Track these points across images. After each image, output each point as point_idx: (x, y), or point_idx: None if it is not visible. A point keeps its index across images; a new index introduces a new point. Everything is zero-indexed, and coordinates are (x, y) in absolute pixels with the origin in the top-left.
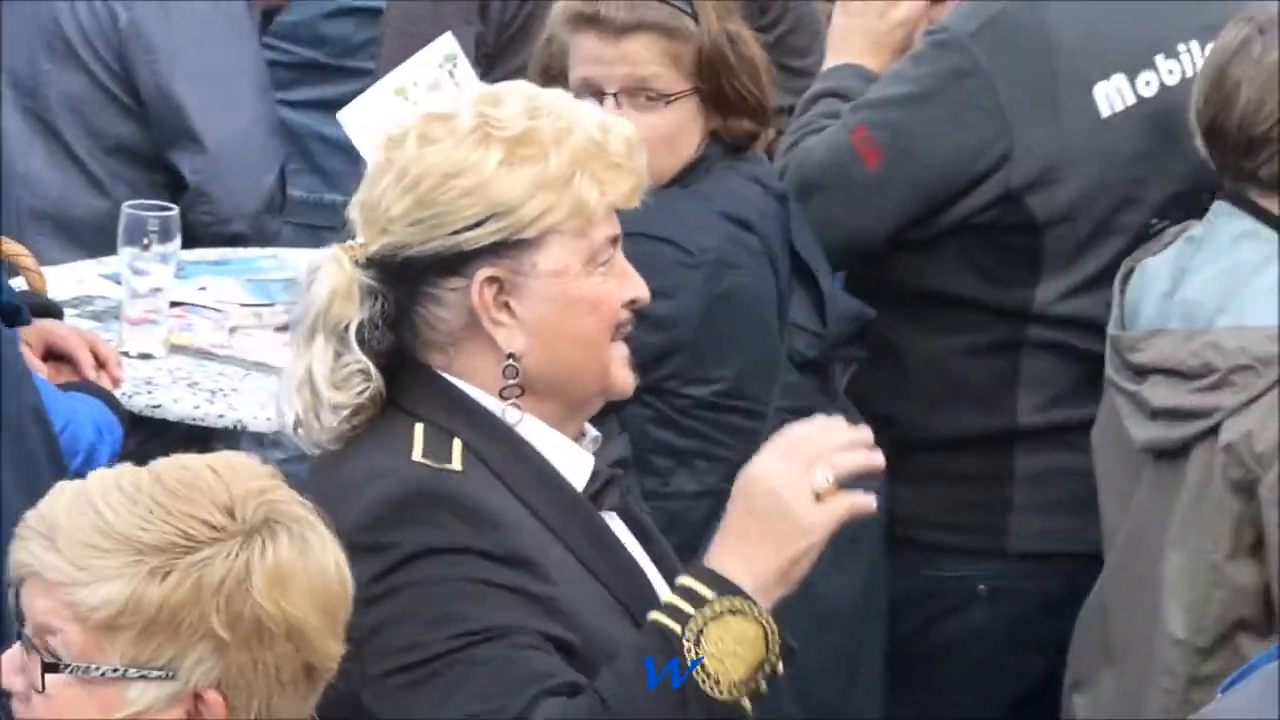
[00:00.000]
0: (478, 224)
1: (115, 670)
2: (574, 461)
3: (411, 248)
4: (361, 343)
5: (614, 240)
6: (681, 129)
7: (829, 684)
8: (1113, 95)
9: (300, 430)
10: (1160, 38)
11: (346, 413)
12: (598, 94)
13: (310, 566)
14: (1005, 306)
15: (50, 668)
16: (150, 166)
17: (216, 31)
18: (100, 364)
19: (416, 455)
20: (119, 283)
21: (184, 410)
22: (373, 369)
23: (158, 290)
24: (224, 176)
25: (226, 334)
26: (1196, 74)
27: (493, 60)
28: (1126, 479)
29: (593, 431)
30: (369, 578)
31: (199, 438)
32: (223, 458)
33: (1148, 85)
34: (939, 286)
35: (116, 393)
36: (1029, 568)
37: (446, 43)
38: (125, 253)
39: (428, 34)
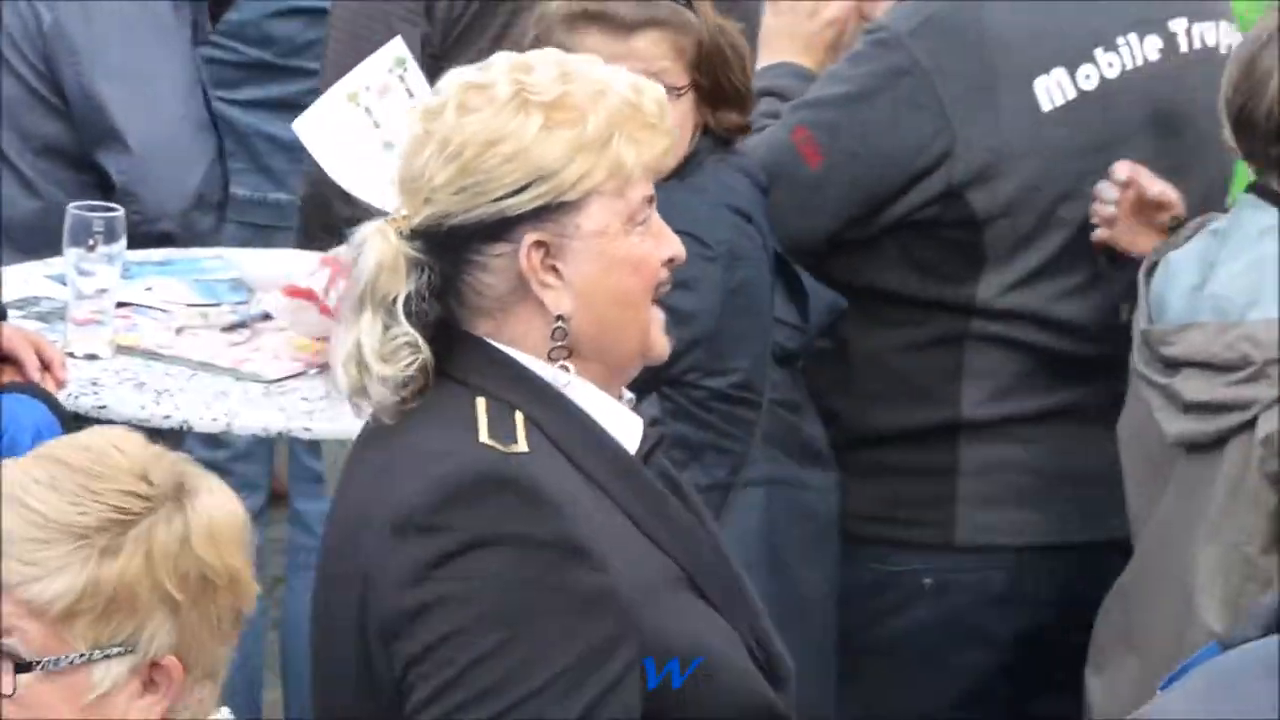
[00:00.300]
0: (521, 189)
1: (82, 656)
2: (624, 423)
3: (456, 216)
4: (409, 315)
5: (650, 200)
6: (684, 122)
7: (808, 678)
8: (1053, 89)
9: (349, 401)
10: (1099, 31)
11: (395, 385)
12: None
13: (229, 513)
14: (947, 301)
15: (22, 668)
16: (79, 166)
17: (139, 31)
18: (45, 366)
19: (483, 437)
20: (64, 284)
21: (130, 411)
22: (421, 341)
23: (103, 291)
24: (148, 176)
25: (173, 334)
26: (1136, 66)
27: (439, 61)
28: (1155, 472)
29: (628, 394)
30: (425, 561)
31: None
32: (104, 433)
33: (1088, 79)
34: (880, 283)
35: (62, 394)
36: (974, 561)
37: (396, 47)
38: (71, 254)
39: (373, 35)
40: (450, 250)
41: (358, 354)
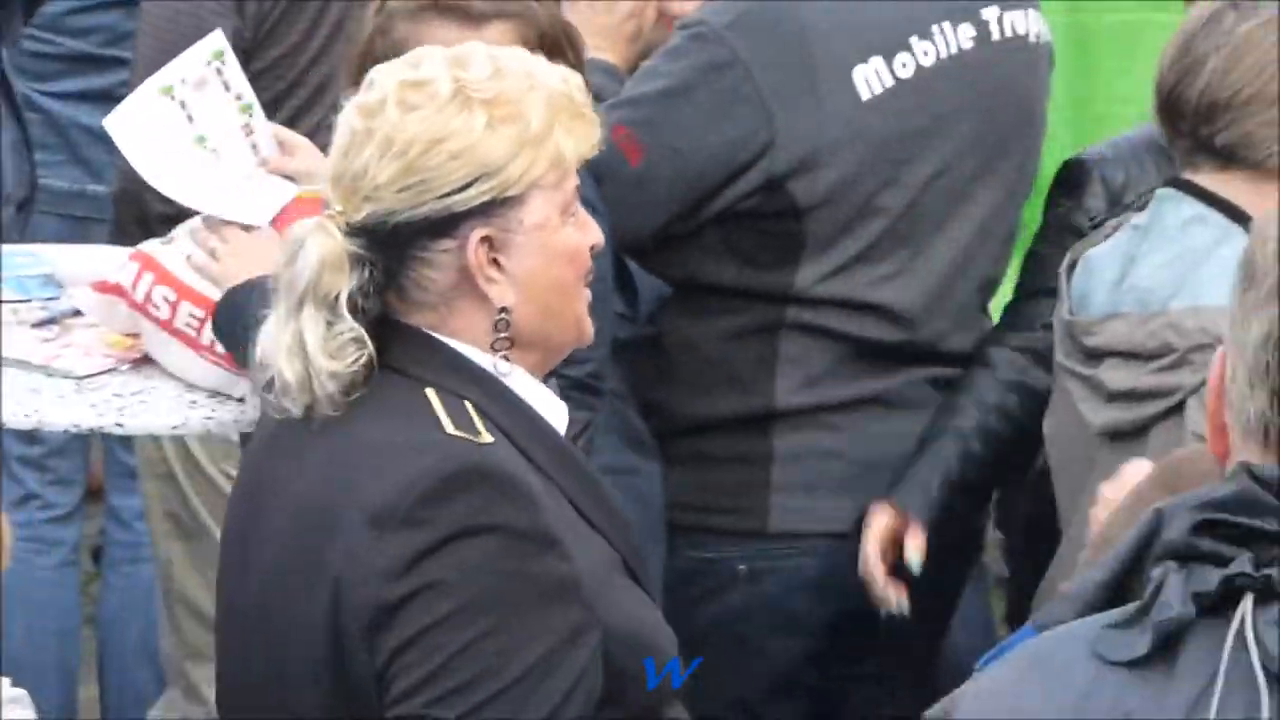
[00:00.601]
0: (467, 185)
1: None
2: (555, 410)
3: (401, 213)
4: (352, 311)
5: (578, 189)
6: None
7: None
8: (871, 78)
9: (285, 396)
10: (913, 19)
11: (343, 381)
12: None
13: None
14: (764, 291)
15: None
16: None
17: None
18: None
19: (450, 429)
20: None
21: None
22: (366, 336)
23: None
24: None
25: None
26: (951, 54)
27: (249, 55)
28: (1081, 463)
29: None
30: (409, 553)
31: None
32: None
33: (904, 67)
34: (701, 274)
35: None
36: (786, 548)
37: (215, 39)
38: None
39: (184, 31)
40: (394, 247)
41: (302, 351)
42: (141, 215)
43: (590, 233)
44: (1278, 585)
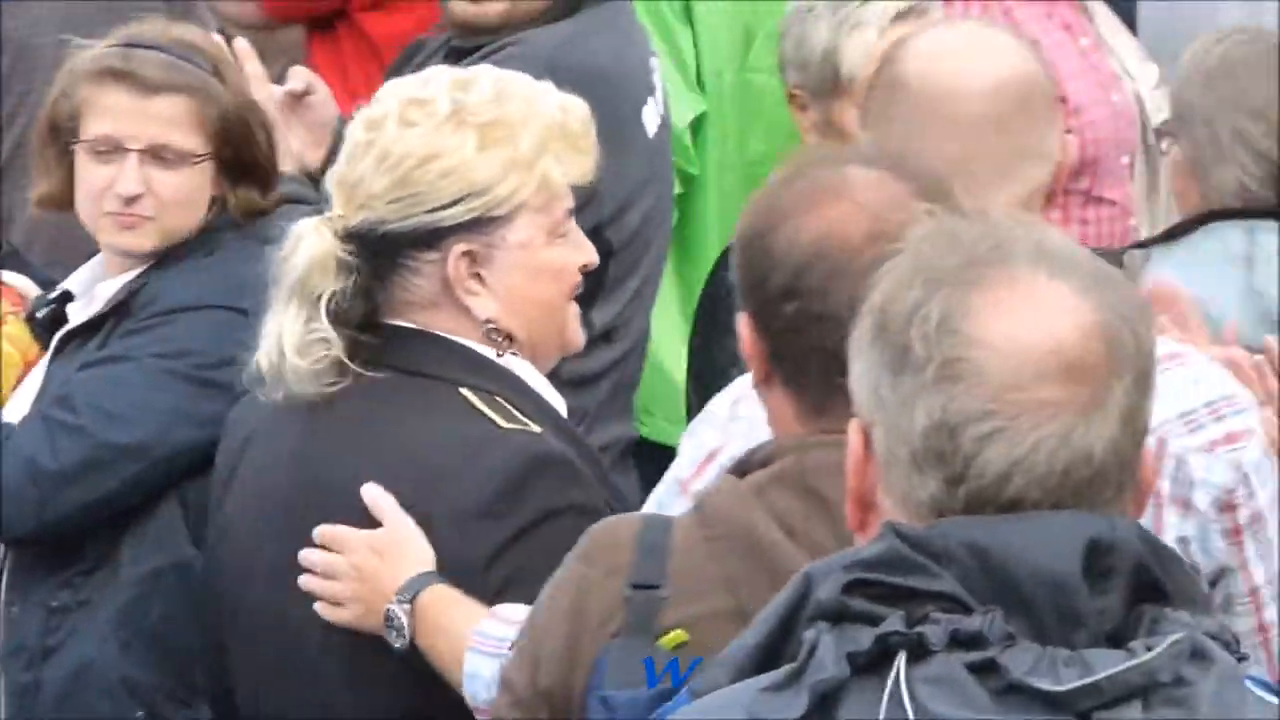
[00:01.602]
0: (454, 202)
1: None
2: (557, 399)
3: (391, 223)
4: (329, 312)
5: (570, 212)
6: (199, 192)
7: None
8: (651, 118)
9: (257, 384)
10: (644, 60)
11: (308, 376)
12: (118, 149)
13: None
14: None
15: None
16: None
17: None
18: None
19: (503, 423)
20: None
21: None
22: (334, 337)
23: None
24: None
25: None
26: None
27: None
28: None
29: None
30: (499, 543)
31: None
32: None
33: (662, 104)
34: None
35: None
36: None
37: None
38: None
39: None
40: (382, 254)
41: (278, 344)
42: None
43: (583, 252)
44: (930, 642)
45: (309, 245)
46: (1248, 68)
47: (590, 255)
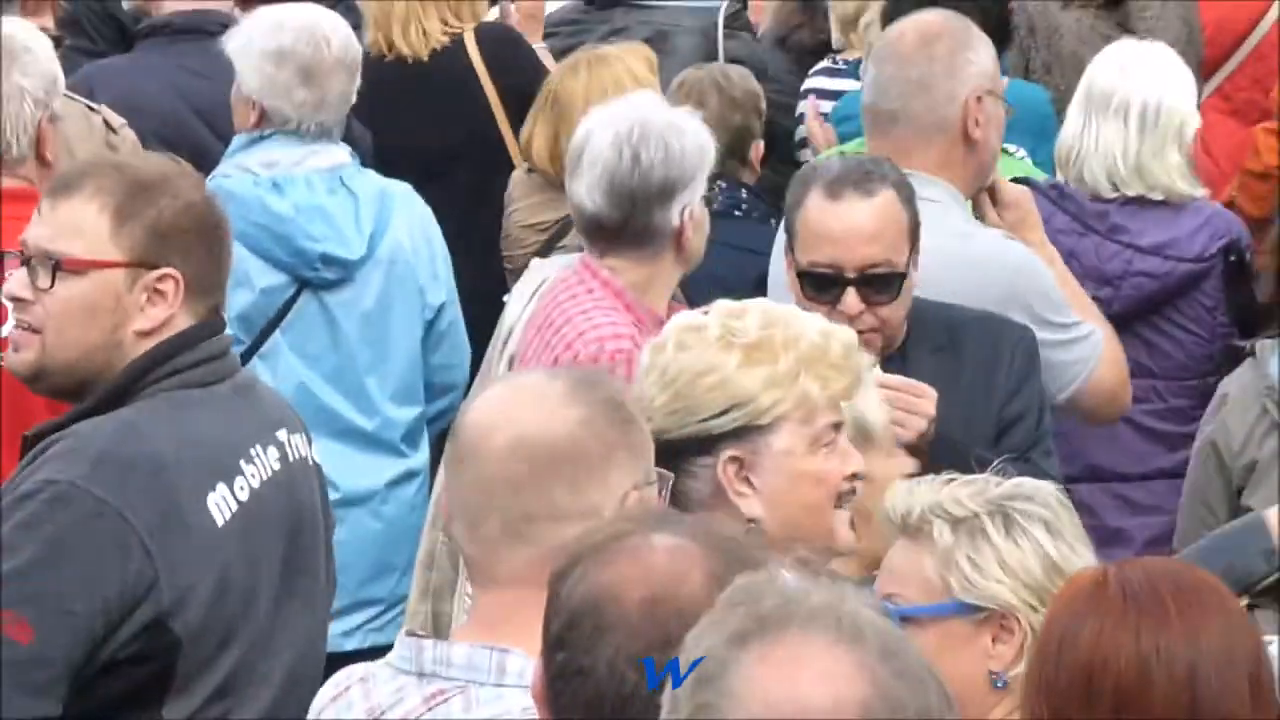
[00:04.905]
0: (722, 413)
1: None
2: None
3: (670, 432)
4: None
5: (837, 426)
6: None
7: None
8: (221, 505)
9: None
10: (238, 446)
11: None
12: None
13: None
14: None
15: None
16: None
17: None
18: None
19: None
20: None
21: None
22: None
23: None
24: None
25: None
26: (266, 478)
27: None
28: None
29: None
30: None
31: None
32: None
33: (243, 490)
34: None
35: None
36: None
37: None
38: None
39: None
40: (665, 461)
41: None
42: None
43: (850, 461)
44: None
45: None
46: None
47: (856, 465)
